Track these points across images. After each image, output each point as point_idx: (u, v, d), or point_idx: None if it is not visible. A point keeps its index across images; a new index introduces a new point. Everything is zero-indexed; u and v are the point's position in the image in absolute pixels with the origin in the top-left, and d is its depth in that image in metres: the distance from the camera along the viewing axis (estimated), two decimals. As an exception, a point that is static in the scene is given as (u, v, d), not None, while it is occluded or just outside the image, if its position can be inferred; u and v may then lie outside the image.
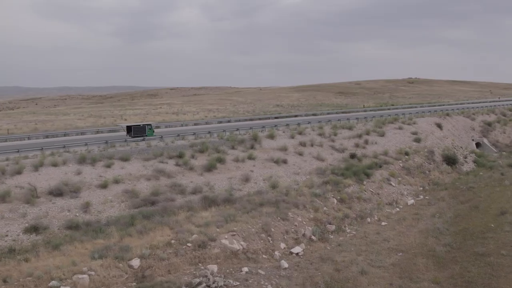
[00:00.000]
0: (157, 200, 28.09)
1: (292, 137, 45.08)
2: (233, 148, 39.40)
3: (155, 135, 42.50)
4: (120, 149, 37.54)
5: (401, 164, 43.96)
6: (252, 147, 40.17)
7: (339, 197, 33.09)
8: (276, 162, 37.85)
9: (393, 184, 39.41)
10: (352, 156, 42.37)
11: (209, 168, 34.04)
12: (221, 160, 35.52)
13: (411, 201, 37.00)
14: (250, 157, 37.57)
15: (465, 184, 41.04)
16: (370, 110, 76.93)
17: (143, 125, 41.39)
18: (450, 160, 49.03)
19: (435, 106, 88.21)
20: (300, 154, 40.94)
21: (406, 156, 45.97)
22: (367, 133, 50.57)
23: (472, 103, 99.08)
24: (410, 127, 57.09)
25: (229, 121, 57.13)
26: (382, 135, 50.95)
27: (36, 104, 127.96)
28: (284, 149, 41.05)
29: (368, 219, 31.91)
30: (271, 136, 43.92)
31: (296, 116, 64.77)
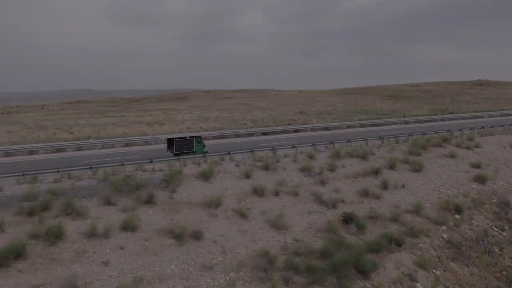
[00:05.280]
0: None
1: (247, 175, 25.79)
2: (108, 202, 21.01)
3: (206, 151, 30.47)
4: None
5: (444, 235, 23.41)
6: (149, 200, 21.61)
7: None
8: (178, 237, 19.06)
9: (422, 288, 19.19)
10: (347, 219, 22.50)
11: (5, 260, 16.01)
12: (51, 237, 17.46)
13: None
14: (126, 226, 19.08)
15: None
16: (414, 122, 55.14)
17: (189, 137, 30.29)
18: (541, 221, 27.47)
19: (510, 115, 64.14)
20: (243, 215, 21.78)
21: (456, 216, 25.28)
22: (391, 166, 30.14)
23: None
24: (470, 153, 35.76)
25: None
26: (418, 169, 30.27)
27: (42, 108, 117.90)
28: (215, 203, 22.10)
29: None
30: (206, 175, 24.94)
31: (296, 131, 45.14)
